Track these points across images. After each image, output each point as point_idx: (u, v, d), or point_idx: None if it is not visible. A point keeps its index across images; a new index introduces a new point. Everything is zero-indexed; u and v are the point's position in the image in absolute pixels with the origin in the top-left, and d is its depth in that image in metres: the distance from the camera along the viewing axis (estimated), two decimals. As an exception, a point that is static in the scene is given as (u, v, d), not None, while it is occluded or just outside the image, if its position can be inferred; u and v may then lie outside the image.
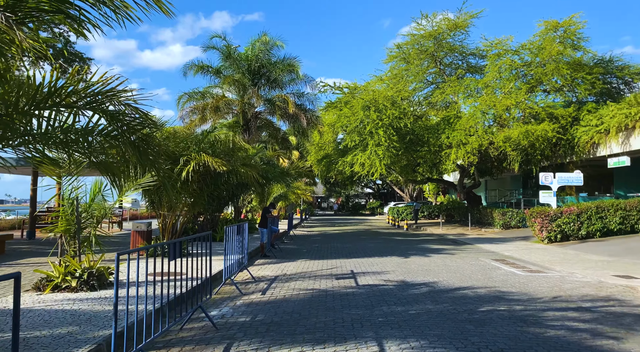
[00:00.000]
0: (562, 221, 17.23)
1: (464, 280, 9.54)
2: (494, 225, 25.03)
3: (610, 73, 24.80)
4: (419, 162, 27.13)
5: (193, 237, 6.54)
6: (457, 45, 28.19)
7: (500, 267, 11.59)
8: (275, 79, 23.69)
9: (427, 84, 30.76)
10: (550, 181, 18.43)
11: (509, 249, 16.04)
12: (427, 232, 25.93)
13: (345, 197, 70.89)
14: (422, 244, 18.12)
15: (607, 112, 19.94)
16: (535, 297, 7.73)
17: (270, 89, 24.33)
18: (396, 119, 22.68)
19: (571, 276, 10.05)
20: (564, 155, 23.17)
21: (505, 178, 35.52)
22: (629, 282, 8.97)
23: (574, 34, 23.48)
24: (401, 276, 10.06)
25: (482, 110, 23.06)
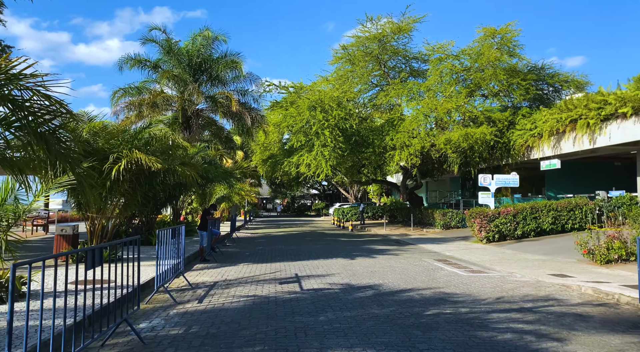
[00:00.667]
0: (499, 222, 17.80)
1: (409, 282, 9.43)
2: (435, 225, 25.60)
3: (542, 80, 26.11)
4: (364, 164, 27.28)
5: (119, 242, 5.88)
6: (401, 49, 28.63)
7: (443, 267, 11.66)
8: (218, 75, 22.86)
9: (372, 86, 31.04)
10: (488, 183, 19.01)
11: (450, 249, 16.32)
12: (372, 232, 26.07)
13: (291, 199, 70.49)
14: (367, 245, 18.08)
15: (540, 117, 20.91)
16: (479, 298, 7.71)
17: (213, 85, 23.46)
18: (342, 120, 22.59)
19: (511, 276, 10.24)
20: (500, 157, 24.08)
21: (445, 179, 36.59)
22: (564, 281, 9.23)
23: (510, 41, 24.48)
24: (347, 279, 9.80)
25: (425, 113, 23.51)
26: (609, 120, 16.99)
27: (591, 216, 18.17)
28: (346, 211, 35.41)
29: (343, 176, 33.69)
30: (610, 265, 11.23)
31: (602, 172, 25.84)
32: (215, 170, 17.28)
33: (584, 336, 5.46)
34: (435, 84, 25.48)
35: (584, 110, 17.76)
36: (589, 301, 7.46)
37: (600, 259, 11.41)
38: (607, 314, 6.58)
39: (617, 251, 11.24)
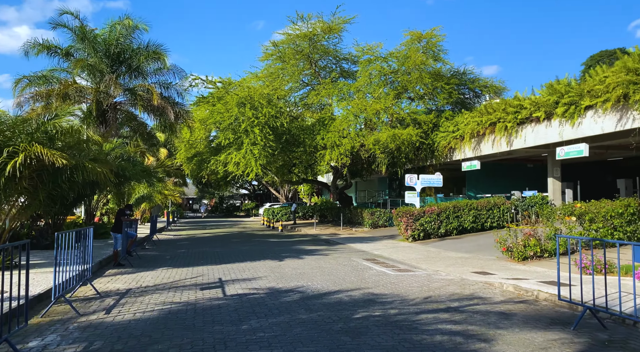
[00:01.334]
0: (424, 220, 18.24)
1: (337, 283, 9.18)
2: (363, 224, 25.86)
3: (463, 84, 27.32)
4: (295, 163, 26.95)
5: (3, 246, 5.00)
6: (332, 49, 28.67)
7: (372, 267, 11.59)
8: (139, 66, 21.41)
9: (303, 85, 30.81)
10: (414, 182, 19.44)
11: (378, 248, 16.42)
12: (302, 233, 25.79)
13: (219, 199, 68.52)
14: (297, 246, 17.74)
15: (462, 120, 21.78)
16: (407, 298, 7.61)
17: (133, 77, 21.95)
18: (273, 118, 22.07)
19: (437, 274, 10.35)
20: (425, 158, 24.83)
21: (373, 179, 37.29)
22: (487, 279, 9.45)
23: (435, 46, 25.33)
24: (274, 282, 9.35)
25: (355, 113, 23.65)
26: (524, 124, 18.01)
27: (508, 215, 19.19)
28: (276, 211, 34.89)
29: (273, 175, 33.17)
30: (527, 261, 11.76)
31: (517, 174, 27.57)
32: (133, 168, 16.05)
33: (509, 335, 5.46)
34: (365, 85, 25.75)
35: (502, 114, 18.69)
36: (511, 298, 7.62)
37: (517, 256, 11.92)
38: (528, 311, 6.71)
39: (533, 248, 11.80)
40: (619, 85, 12.84)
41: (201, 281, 9.62)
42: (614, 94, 13.06)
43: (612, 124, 13.85)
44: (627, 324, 5.79)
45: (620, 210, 11.83)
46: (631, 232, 11.94)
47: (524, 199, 19.82)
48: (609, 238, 11.86)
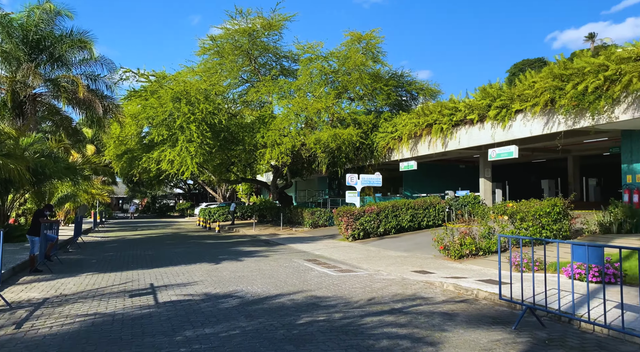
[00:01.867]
0: (364, 220, 18.34)
1: (279, 286, 8.84)
2: (304, 224, 25.66)
3: (401, 87, 27.94)
4: (233, 161, 26.20)
5: None
6: (272, 46, 28.21)
7: (314, 268, 11.35)
8: (62, 56, 19.74)
9: (242, 82, 30.08)
10: (355, 182, 19.51)
11: (319, 248, 16.25)
12: (240, 233, 25.12)
13: (151, 198, 65.54)
14: (235, 247, 17.15)
15: (400, 121, 22.20)
16: (351, 300, 7.43)
17: (56, 67, 20.20)
18: (210, 114, 21.24)
19: (378, 274, 10.31)
20: (365, 158, 25.08)
21: (313, 179, 37.26)
22: (426, 278, 9.53)
23: (374, 48, 25.68)
24: (211, 287, 8.83)
25: (296, 112, 23.36)
26: (459, 126, 18.63)
27: (443, 214, 19.77)
28: (213, 211, 33.83)
29: (211, 174, 32.09)
30: (463, 260, 12.07)
31: (450, 174, 28.64)
32: (54, 165, 14.71)
33: (454, 337, 5.41)
34: (306, 84, 25.56)
35: (438, 116, 19.23)
36: (452, 297, 7.67)
37: (454, 255, 12.20)
38: (470, 310, 6.75)
39: (469, 247, 12.13)
40: (547, 91, 13.55)
41: (131, 287, 8.89)
42: (542, 99, 13.77)
43: (539, 127, 14.60)
44: (562, 321, 5.95)
45: (548, 209, 12.46)
46: (557, 230, 12.61)
47: (457, 198, 20.53)
48: (537, 236, 12.46)
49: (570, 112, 13.13)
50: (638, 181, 13.43)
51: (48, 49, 19.65)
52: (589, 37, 68.15)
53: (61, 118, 22.90)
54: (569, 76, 13.01)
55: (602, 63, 11.93)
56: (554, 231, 12.60)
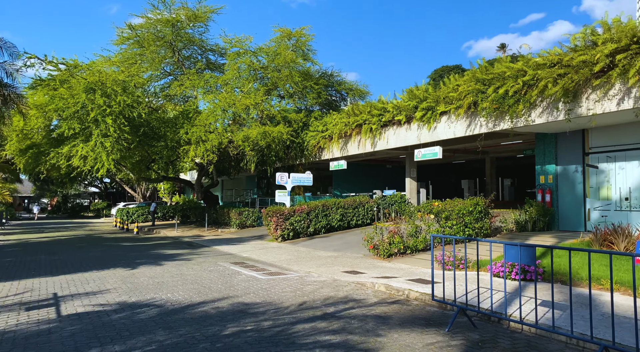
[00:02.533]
0: (294, 220, 17.99)
1: (203, 292, 8.21)
2: (230, 225, 24.80)
3: (331, 86, 27.96)
4: (154, 159, 24.67)
5: None
6: (197, 38, 27.00)
7: (241, 271, 10.80)
8: (-47, 36, 17.33)
9: (165, 75, 28.50)
10: (285, 181, 19.10)
11: (246, 249, 15.66)
12: (161, 235, 23.72)
13: (62, 197, 60.55)
14: (155, 250, 16.03)
15: (331, 120, 22.13)
16: (282, 306, 7.01)
17: (-55, 49, 17.73)
18: (129, 107, 19.73)
19: (309, 276, 9.99)
20: (295, 157, 24.75)
21: (241, 178, 36.30)
22: (357, 278, 9.36)
23: (305, 45, 25.43)
24: (125, 296, 7.99)
25: (223, 107, 22.46)
26: (387, 126, 18.88)
27: (371, 213, 19.96)
28: (132, 211, 31.76)
29: (129, 172, 30.06)
30: (392, 258, 12.11)
31: (378, 174, 29.18)
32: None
33: (389, 343, 5.19)
34: (233, 79, 24.72)
35: (367, 116, 19.36)
36: (384, 298, 7.53)
37: (383, 254, 12.21)
38: (403, 312, 6.62)
39: (397, 246, 12.20)
40: (470, 94, 14.03)
41: (29, 298, 7.80)
42: (465, 101, 14.24)
43: (462, 128, 15.12)
44: (492, 321, 5.98)
45: (471, 208, 12.90)
46: (479, 228, 13.10)
47: (384, 197, 20.85)
48: (460, 234, 12.86)
49: (491, 115, 13.69)
50: (550, 181, 14.34)
51: None
52: (501, 47, 73.36)
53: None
54: (490, 80, 13.55)
55: (521, 68, 12.54)
56: (476, 229, 13.07)
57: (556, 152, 14.28)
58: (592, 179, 13.33)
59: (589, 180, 13.42)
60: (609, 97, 10.62)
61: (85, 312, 6.87)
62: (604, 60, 10.15)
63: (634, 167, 12.27)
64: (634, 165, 12.29)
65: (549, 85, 11.39)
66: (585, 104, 11.19)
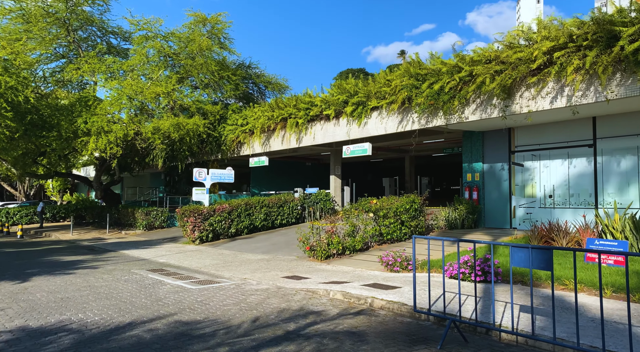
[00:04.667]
0: (214, 220, 16.51)
1: (125, 309, 6.68)
2: (136, 226, 22.36)
3: (249, 78, 26.56)
4: (44, 151, 21.39)
5: None
6: (97, 18, 24.05)
7: (163, 280, 9.27)
8: None
9: (57, 57, 25.00)
10: (204, 177, 17.48)
11: (161, 254, 13.91)
12: (53, 238, 20.61)
13: None
14: (49, 257, 13.58)
15: (252, 114, 20.83)
16: (231, 325, 5.82)
17: None
18: (11, 90, 16.69)
19: (246, 284, 8.82)
20: (211, 152, 23.01)
21: (145, 175, 33.31)
22: (304, 285, 8.42)
23: (221, 33, 23.82)
24: (20, 319, 6.20)
25: (129, 95, 20.04)
26: (315, 121, 18.13)
27: (296, 212, 19.08)
28: (13, 211, 27.48)
29: (10, 166, 25.92)
30: (330, 260, 11.34)
31: (297, 171, 28.39)
32: None
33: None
34: (141, 64, 22.32)
35: (293, 110, 18.43)
36: (345, 309, 6.67)
37: (321, 255, 11.40)
38: (375, 326, 5.80)
39: (336, 246, 11.46)
40: (404, 88, 13.76)
41: None
42: (399, 96, 13.95)
43: (394, 125, 14.85)
44: (479, 332, 5.40)
45: (407, 206, 12.60)
46: (414, 226, 12.86)
47: (309, 195, 20.10)
48: (397, 233, 12.49)
49: (424, 111, 13.54)
50: (477, 179, 14.62)
51: None
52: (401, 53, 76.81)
53: None
54: (424, 76, 13.38)
55: (456, 64, 12.49)
56: (412, 227, 12.82)
57: (483, 150, 14.58)
58: (518, 176, 13.78)
59: (514, 178, 13.86)
60: (543, 96, 10.86)
61: (-38, 348, 5.09)
62: (541, 58, 10.31)
63: (558, 166, 12.85)
64: (557, 164, 12.86)
65: (486, 81, 11.40)
66: (519, 101, 11.37)
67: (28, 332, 5.62)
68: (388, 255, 9.75)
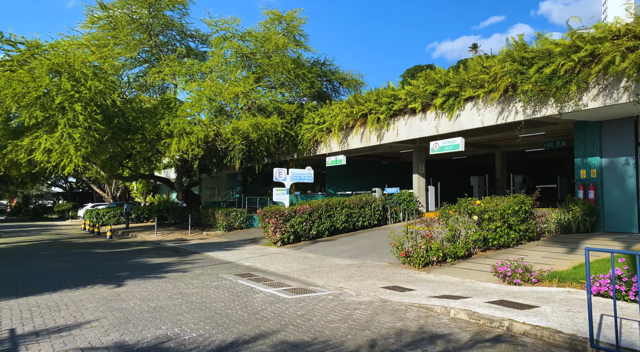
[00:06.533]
0: (295, 221, 15.88)
1: (222, 323, 6.03)
2: (216, 227, 22.42)
3: (324, 76, 25.90)
4: (130, 154, 22.02)
5: None
6: (177, 22, 24.51)
7: (255, 287, 8.64)
8: None
9: (140, 62, 25.84)
10: (284, 177, 16.93)
11: (245, 256, 13.45)
12: (139, 239, 21.14)
13: (22, 198, 56.28)
14: (137, 258, 13.61)
15: (329, 112, 20.09)
16: (346, 350, 4.93)
17: None
18: (101, 94, 17.12)
19: (344, 295, 7.94)
20: (287, 152, 22.58)
21: (221, 176, 33.81)
22: (412, 299, 7.38)
23: (297, 30, 23.35)
24: (116, 332, 5.72)
25: (209, 96, 20.03)
26: (398, 116, 16.99)
27: (378, 213, 18.02)
28: (102, 212, 28.84)
29: (99, 169, 27.16)
30: (429, 268, 10.19)
31: (373, 171, 27.27)
32: None
33: None
34: (219, 65, 22.37)
35: (374, 105, 17.41)
36: (477, 333, 5.55)
37: (418, 263, 10.27)
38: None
39: (436, 253, 10.28)
40: (507, 75, 12.25)
41: (-27, 344, 5.44)
42: (501, 84, 12.45)
43: (493, 116, 13.34)
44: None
45: (516, 207, 11.12)
46: (524, 230, 11.34)
47: (391, 196, 18.97)
48: (505, 238, 11.05)
49: (532, 100, 11.94)
50: (593, 176, 12.74)
51: None
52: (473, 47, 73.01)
53: None
54: (530, 60, 11.81)
55: (572, 44, 10.83)
56: (521, 232, 11.31)
57: (601, 142, 12.66)
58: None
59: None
60: (693, 75, 8.99)
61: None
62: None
63: None
64: (703, 156, 10.77)
65: (616, 60, 9.68)
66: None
67: (125, 351, 5.07)
68: (504, 264, 8.45)
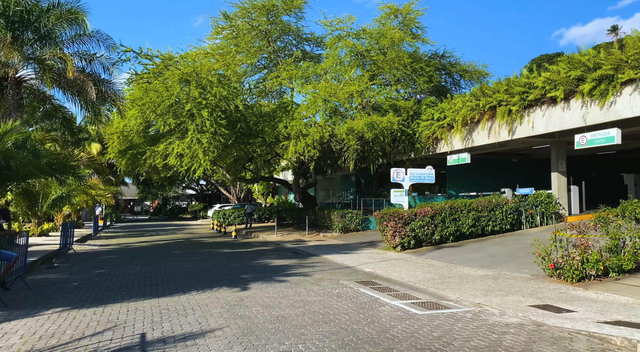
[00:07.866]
0: (416, 225, 14.85)
1: (349, 343, 5.40)
2: (332, 229, 22.23)
3: (443, 69, 24.35)
4: (251, 157, 22.87)
5: None
6: (293, 27, 24.88)
7: (379, 298, 7.91)
8: (50, 32, 16.61)
9: (260, 69, 26.80)
10: (402, 178, 16.01)
11: (364, 261, 12.81)
12: (260, 239, 21.78)
13: (162, 200, 62.75)
14: (259, 260, 13.77)
15: (450, 106, 18.66)
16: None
17: (43, 46, 17.06)
18: (224, 100, 17.88)
19: (485, 313, 6.83)
20: (403, 151, 21.55)
21: (335, 177, 33.79)
22: (577, 325, 6.03)
23: (413, 22, 22.26)
24: (238, 346, 5.41)
25: (324, 97, 19.87)
26: (533, 107, 15.03)
27: (511, 217, 16.15)
28: (228, 213, 30.58)
29: (224, 172, 28.80)
30: (585, 283, 8.52)
31: (501, 170, 24.85)
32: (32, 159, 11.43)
33: None
34: (333, 66, 22.12)
35: (505, 96, 15.64)
36: (688, 380, 4.15)
37: (572, 277, 8.65)
38: None
39: (595, 265, 8.57)
40: (685, 50, 9.94)
41: (107, 345, 5.50)
42: (676, 61, 10.16)
43: (662, 102, 10.98)
44: None
45: None
46: None
47: (525, 197, 16.91)
48: (688, 249, 8.87)
49: None
50: None
51: (33, 24, 16.51)
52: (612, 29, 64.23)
53: (54, 108, 19.79)
54: None
55: None
56: None
57: None
58: None
59: None
60: None
61: (182, 380, 4.34)
62: None
63: None
64: None
65: None
66: None
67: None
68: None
